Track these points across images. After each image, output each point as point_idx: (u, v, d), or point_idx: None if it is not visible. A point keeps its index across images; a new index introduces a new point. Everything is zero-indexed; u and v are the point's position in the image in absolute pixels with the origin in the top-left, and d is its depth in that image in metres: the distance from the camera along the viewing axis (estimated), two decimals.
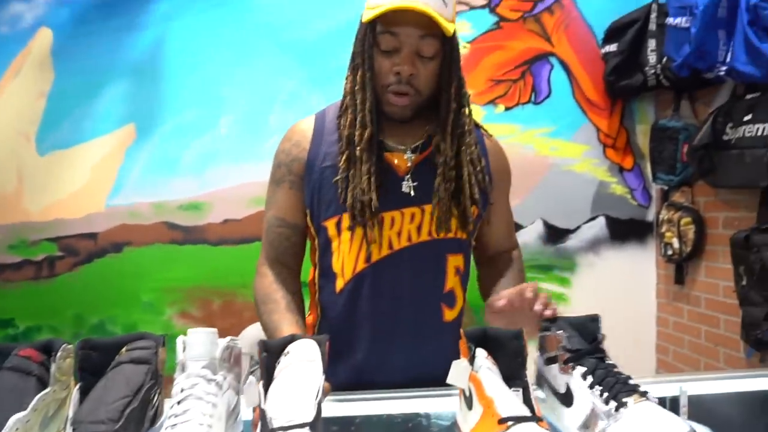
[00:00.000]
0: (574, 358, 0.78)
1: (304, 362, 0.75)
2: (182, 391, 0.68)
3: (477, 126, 1.13)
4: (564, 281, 2.38)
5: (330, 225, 1.06)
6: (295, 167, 1.08)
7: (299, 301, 1.10)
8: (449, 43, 1.02)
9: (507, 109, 2.32)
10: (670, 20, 1.85)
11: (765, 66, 1.63)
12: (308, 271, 1.17)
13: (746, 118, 1.78)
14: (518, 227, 2.35)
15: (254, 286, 1.11)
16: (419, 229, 1.05)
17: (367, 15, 0.98)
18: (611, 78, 2.25)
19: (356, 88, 1.02)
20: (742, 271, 1.79)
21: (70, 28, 2.14)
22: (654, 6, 2.13)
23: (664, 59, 2.03)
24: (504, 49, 2.31)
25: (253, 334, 1.77)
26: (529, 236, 2.36)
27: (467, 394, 0.74)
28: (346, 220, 1.04)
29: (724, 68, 1.77)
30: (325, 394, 0.73)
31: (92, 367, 0.70)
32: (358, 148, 1.00)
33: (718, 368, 2.07)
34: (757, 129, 1.72)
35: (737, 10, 1.71)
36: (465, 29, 2.29)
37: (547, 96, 2.34)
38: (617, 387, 0.76)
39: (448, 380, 0.73)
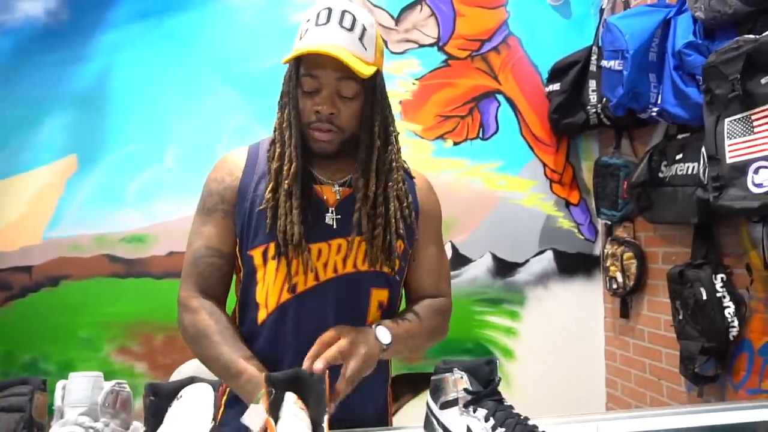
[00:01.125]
0: (475, 400, 0.78)
1: (194, 407, 0.73)
2: None
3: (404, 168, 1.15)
4: (513, 315, 2.38)
5: (256, 254, 1.06)
6: (228, 195, 1.09)
7: (239, 333, 1.07)
8: (370, 83, 1.04)
9: (456, 144, 2.36)
10: (604, 63, 1.92)
11: (692, 108, 1.70)
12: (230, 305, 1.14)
13: (678, 157, 1.84)
14: (468, 260, 2.37)
15: (185, 322, 1.05)
16: (345, 260, 1.05)
17: (286, 57, 1.01)
18: (555, 116, 2.32)
19: (284, 125, 1.06)
20: (679, 306, 1.83)
21: (12, 58, 2.10)
22: (594, 49, 2.22)
23: (604, 99, 2.11)
24: (452, 86, 2.36)
25: (189, 369, 1.71)
26: (479, 270, 2.37)
27: None
28: (272, 250, 1.04)
29: (656, 109, 1.85)
30: None
31: None
32: (286, 182, 1.02)
33: (663, 403, 2.09)
34: (688, 168, 1.78)
35: (666, 55, 1.79)
36: (414, 66, 2.34)
37: (495, 132, 2.39)
38: (518, 428, 0.77)
39: (242, 420, 0.70)
